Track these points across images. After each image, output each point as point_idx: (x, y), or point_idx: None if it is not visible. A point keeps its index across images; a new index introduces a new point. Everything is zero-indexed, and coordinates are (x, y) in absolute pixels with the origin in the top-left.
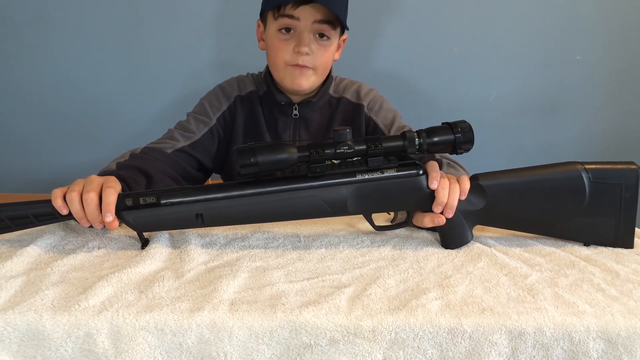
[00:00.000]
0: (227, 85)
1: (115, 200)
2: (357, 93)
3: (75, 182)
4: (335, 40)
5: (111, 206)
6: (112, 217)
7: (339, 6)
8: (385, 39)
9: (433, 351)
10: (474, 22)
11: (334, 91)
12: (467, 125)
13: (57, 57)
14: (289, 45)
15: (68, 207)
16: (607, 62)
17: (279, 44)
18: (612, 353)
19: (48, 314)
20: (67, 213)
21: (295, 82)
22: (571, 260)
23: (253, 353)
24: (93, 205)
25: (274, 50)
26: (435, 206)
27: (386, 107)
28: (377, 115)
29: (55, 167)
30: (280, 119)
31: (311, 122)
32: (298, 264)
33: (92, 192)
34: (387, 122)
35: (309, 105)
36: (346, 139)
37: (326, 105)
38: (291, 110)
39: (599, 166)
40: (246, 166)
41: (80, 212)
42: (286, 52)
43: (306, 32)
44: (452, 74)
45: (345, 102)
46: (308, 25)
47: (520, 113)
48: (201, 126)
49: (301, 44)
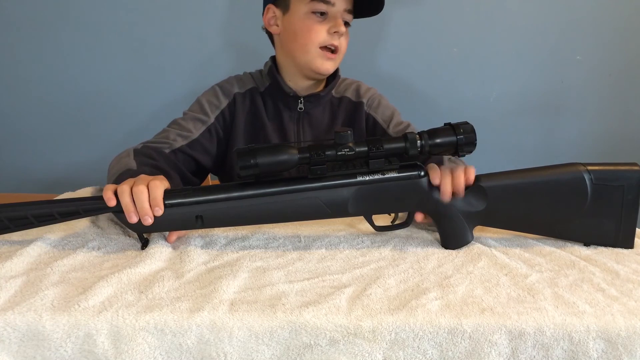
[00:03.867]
0: (226, 83)
1: (162, 194)
2: (357, 91)
3: (126, 181)
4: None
5: (159, 200)
6: (162, 210)
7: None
8: (385, 38)
9: (433, 351)
10: (474, 22)
11: (335, 91)
12: (470, 127)
13: (58, 57)
14: (324, 26)
15: (117, 199)
16: (607, 62)
17: (313, 25)
18: (612, 353)
19: (48, 314)
20: (114, 204)
21: (325, 66)
22: (571, 260)
23: (253, 353)
24: (144, 197)
25: (306, 31)
26: (442, 196)
27: (385, 103)
28: (376, 111)
29: (55, 167)
30: (285, 113)
31: (314, 118)
32: (298, 264)
33: (142, 186)
34: (385, 117)
35: (315, 98)
36: (347, 141)
37: (328, 104)
38: (296, 104)
39: (601, 167)
40: (246, 168)
41: (130, 205)
42: (321, 33)
43: (340, 16)
44: (452, 74)
45: (346, 101)
46: (341, 11)
47: (520, 113)
48: (199, 125)
49: (339, 24)
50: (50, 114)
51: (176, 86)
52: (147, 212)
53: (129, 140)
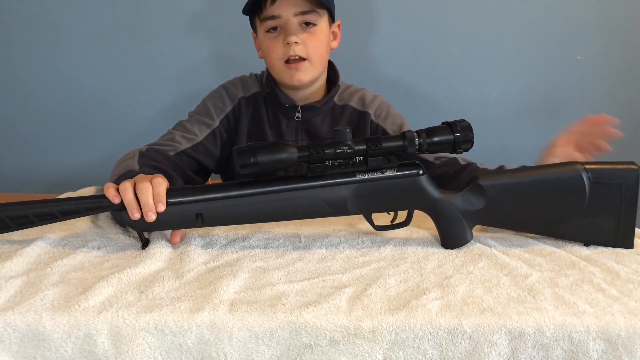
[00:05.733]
0: (231, 85)
1: (165, 191)
2: (362, 100)
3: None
4: (323, 27)
5: (162, 196)
6: (164, 207)
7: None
8: (385, 38)
9: (433, 351)
10: (474, 22)
11: (338, 99)
12: (467, 125)
13: (57, 58)
14: (279, 41)
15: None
16: (607, 62)
17: (269, 44)
18: (612, 353)
19: (48, 314)
20: (119, 201)
21: (295, 78)
22: (571, 261)
23: (253, 354)
24: (148, 193)
25: (267, 51)
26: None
27: (393, 112)
28: (385, 122)
29: (55, 167)
30: (283, 121)
31: (314, 126)
32: (298, 264)
33: (147, 182)
34: (395, 127)
35: (312, 110)
36: (346, 139)
37: (329, 112)
38: (294, 113)
39: (599, 166)
40: (246, 166)
41: (133, 201)
42: (278, 49)
43: (290, 24)
44: (452, 74)
45: (349, 109)
46: (290, 18)
47: (520, 113)
48: (203, 128)
49: (288, 34)
50: (50, 116)
51: (176, 87)
52: (150, 208)
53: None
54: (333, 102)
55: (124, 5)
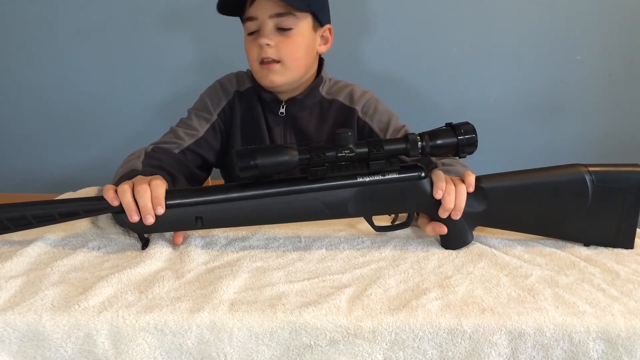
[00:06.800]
0: (226, 80)
1: (164, 193)
2: (350, 96)
3: (125, 182)
4: (303, 30)
5: (161, 199)
6: (163, 209)
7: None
8: (384, 38)
9: (433, 352)
10: (474, 22)
11: (327, 93)
12: (471, 127)
13: (57, 58)
14: (255, 43)
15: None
16: (607, 62)
17: (248, 46)
18: (612, 354)
19: (48, 314)
20: (118, 204)
21: (268, 79)
22: (571, 261)
23: (253, 354)
24: (146, 196)
25: (246, 52)
26: (442, 212)
27: (381, 109)
28: (372, 119)
29: (55, 167)
30: (271, 117)
31: (300, 121)
32: (298, 265)
33: (145, 184)
34: (382, 125)
35: (296, 102)
36: (348, 142)
37: (317, 106)
38: (278, 109)
39: (603, 169)
40: (246, 169)
41: (132, 204)
42: (255, 50)
43: (265, 26)
44: (452, 74)
45: (337, 104)
46: (266, 20)
47: (520, 113)
48: (203, 123)
49: (260, 36)
50: (49, 116)
51: (174, 86)
52: (149, 210)
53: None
54: (321, 96)
55: (123, 6)
